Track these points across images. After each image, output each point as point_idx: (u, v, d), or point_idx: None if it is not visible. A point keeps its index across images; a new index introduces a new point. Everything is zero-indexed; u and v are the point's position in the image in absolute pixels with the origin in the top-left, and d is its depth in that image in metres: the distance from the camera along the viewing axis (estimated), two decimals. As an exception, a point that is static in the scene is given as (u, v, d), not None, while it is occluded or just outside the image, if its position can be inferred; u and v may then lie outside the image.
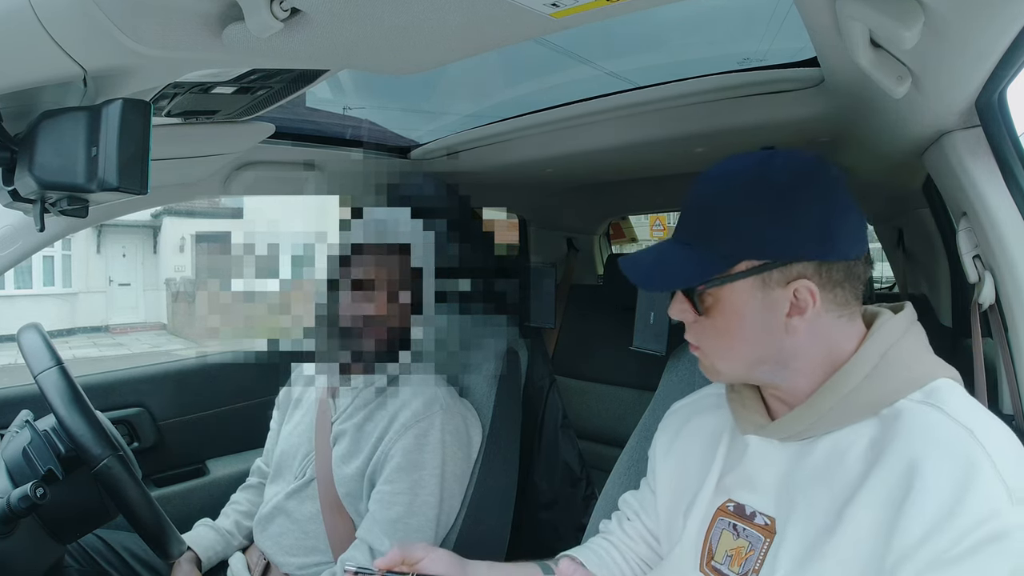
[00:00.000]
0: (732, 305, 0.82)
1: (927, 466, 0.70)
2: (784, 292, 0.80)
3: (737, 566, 0.85)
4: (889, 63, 0.84)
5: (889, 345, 0.82)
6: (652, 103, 1.43)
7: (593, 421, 2.55)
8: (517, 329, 1.69)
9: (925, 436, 0.73)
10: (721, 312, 0.83)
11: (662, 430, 1.11)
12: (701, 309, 0.84)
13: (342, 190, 1.95)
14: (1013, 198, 0.94)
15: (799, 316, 0.80)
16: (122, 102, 0.74)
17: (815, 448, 0.82)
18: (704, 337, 0.87)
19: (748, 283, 0.81)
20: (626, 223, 3.45)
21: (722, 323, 0.83)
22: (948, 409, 0.74)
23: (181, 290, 16.74)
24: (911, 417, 0.75)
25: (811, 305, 0.80)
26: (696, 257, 0.83)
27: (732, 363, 0.86)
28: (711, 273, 0.82)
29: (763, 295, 0.81)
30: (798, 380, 0.84)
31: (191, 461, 2.06)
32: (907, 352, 0.82)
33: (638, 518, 1.09)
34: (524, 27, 0.79)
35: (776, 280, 0.80)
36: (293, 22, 0.73)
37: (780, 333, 0.81)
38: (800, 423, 0.83)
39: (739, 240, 0.81)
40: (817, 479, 0.80)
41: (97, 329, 17.22)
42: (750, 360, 0.84)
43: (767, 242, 0.80)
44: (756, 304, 0.81)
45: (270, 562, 1.44)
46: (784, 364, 0.83)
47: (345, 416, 1.46)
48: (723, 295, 0.82)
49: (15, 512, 1.09)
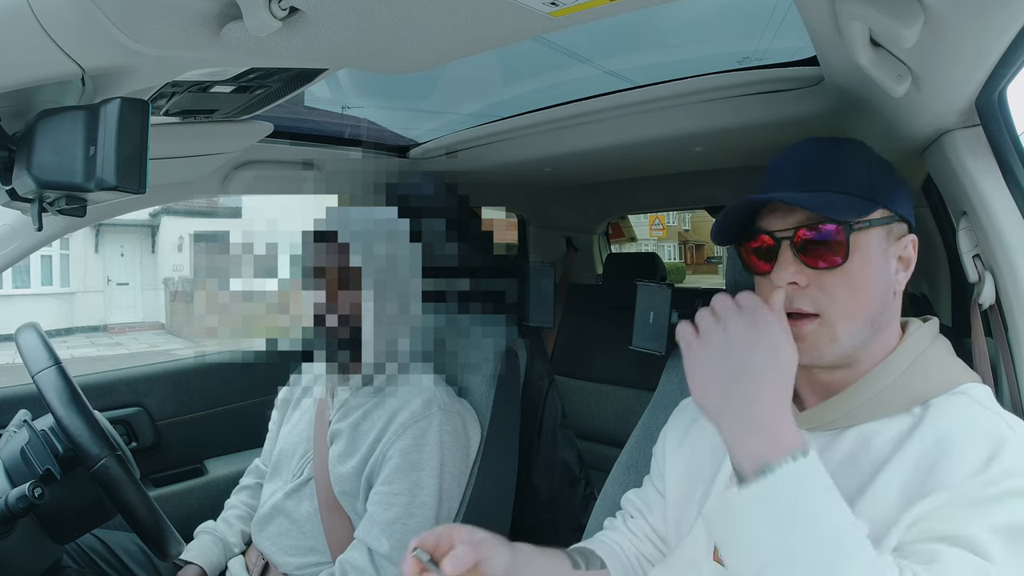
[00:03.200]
0: (870, 251, 0.83)
1: (958, 438, 0.73)
2: (897, 247, 0.85)
3: None
4: (889, 62, 0.84)
5: (924, 347, 0.86)
6: (651, 102, 1.43)
7: (592, 421, 2.55)
8: (516, 328, 1.69)
9: (957, 416, 0.77)
10: (861, 258, 0.82)
11: (672, 426, 1.10)
12: (848, 253, 0.81)
13: (340, 189, 1.95)
14: (1013, 197, 0.94)
15: (904, 272, 0.86)
16: (120, 101, 0.74)
17: (842, 438, 0.84)
18: (831, 294, 0.82)
19: (880, 231, 0.84)
20: (625, 222, 3.46)
21: (859, 271, 0.82)
22: (976, 397, 0.79)
23: (179, 289, 16.72)
24: (942, 404, 0.79)
25: (912, 261, 0.86)
26: (847, 199, 0.83)
27: (853, 324, 0.82)
28: (864, 213, 0.82)
29: (886, 246, 0.84)
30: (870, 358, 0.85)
31: (189, 461, 2.06)
32: (939, 356, 0.86)
33: (642, 516, 1.09)
34: (523, 26, 0.79)
35: (895, 233, 0.86)
36: (291, 21, 0.73)
37: (890, 289, 0.85)
38: (834, 412, 0.84)
39: (877, 189, 0.84)
40: (843, 466, 0.81)
41: (95, 328, 17.20)
42: (867, 319, 0.83)
43: (895, 196, 0.85)
44: (881, 254, 0.84)
45: (269, 562, 1.44)
46: (880, 328, 0.85)
47: (341, 415, 1.45)
48: (864, 240, 0.82)
49: (13, 512, 1.09)
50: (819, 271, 0.82)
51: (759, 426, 0.72)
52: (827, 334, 0.82)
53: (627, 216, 3.43)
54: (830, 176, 0.85)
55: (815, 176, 0.86)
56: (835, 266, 0.81)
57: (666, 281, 2.42)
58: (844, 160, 0.86)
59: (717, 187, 2.41)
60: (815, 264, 0.82)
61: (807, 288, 0.82)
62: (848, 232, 0.81)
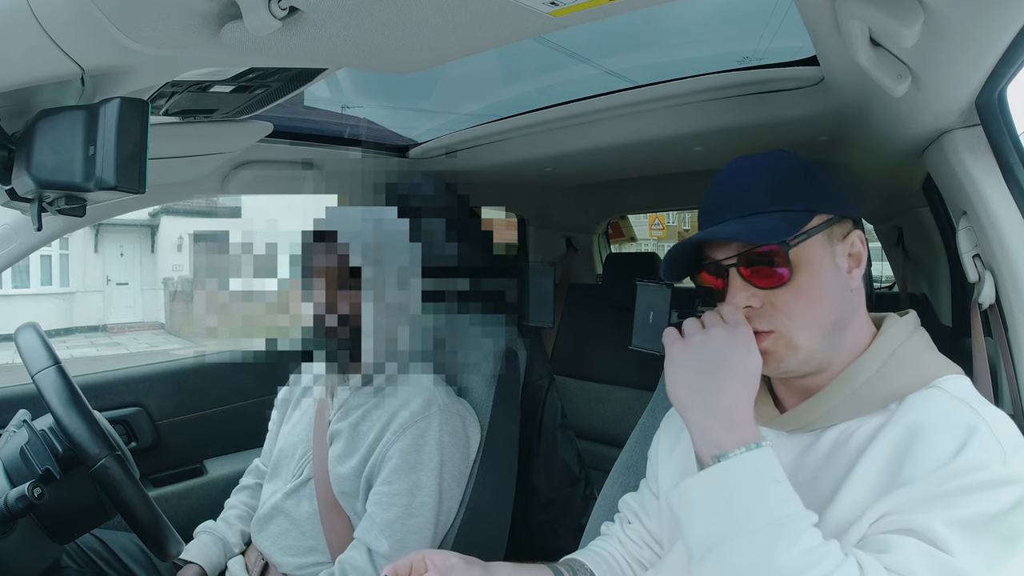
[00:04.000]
0: (814, 260, 0.85)
1: (927, 430, 0.75)
2: (843, 247, 0.87)
3: None
4: (889, 62, 0.84)
5: (899, 343, 0.86)
6: (651, 102, 1.43)
7: (592, 421, 2.55)
8: (515, 328, 1.68)
9: (928, 407, 0.78)
10: (806, 270, 0.84)
11: (664, 430, 1.11)
12: (792, 270, 0.84)
13: (340, 189, 1.95)
14: (1013, 197, 0.94)
15: (857, 268, 0.87)
16: (120, 101, 0.74)
17: (823, 438, 0.85)
18: (784, 309, 0.85)
19: (820, 238, 0.86)
20: (625, 222, 3.45)
21: (806, 282, 0.84)
22: (950, 390, 0.80)
23: (179, 289, 16.71)
24: (915, 398, 0.80)
25: (863, 256, 0.88)
26: (778, 218, 0.85)
27: (814, 331, 0.84)
28: (797, 228, 0.84)
29: (831, 248, 0.86)
30: (840, 358, 0.87)
31: (189, 461, 2.06)
32: (915, 350, 0.86)
33: (638, 520, 1.09)
34: (523, 25, 0.79)
35: (837, 234, 0.87)
36: (291, 21, 0.73)
37: (846, 289, 0.87)
38: (811, 414, 0.86)
39: (808, 197, 0.87)
40: (823, 464, 0.83)
41: (95, 328, 17.20)
42: (829, 324, 0.85)
43: (829, 198, 0.87)
44: (828, 258, 0.86)
45: (268, 562, 1.44)
46: (845, 328, 0.86)
47: (341, 415, 1.45)
48: (805, 252, 0.84)
49: (12, 512, 1.09)
50: (769, 291, 0.85)
51: (720, 416, 0.78)
52: (785, 344, 0.85)
53: (627, 216, 3.43)
54: (760, 198, 0.88)
55: (746, 202, 0.88)
56: (782, 284, 0.84)
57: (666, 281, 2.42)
58: (772, 178, 0.89)
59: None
60: (764, 285, 0.85)
61: (762, 308, 0.86)
62: (786, 250, 0.83)
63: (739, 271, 0.86)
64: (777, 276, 0.84)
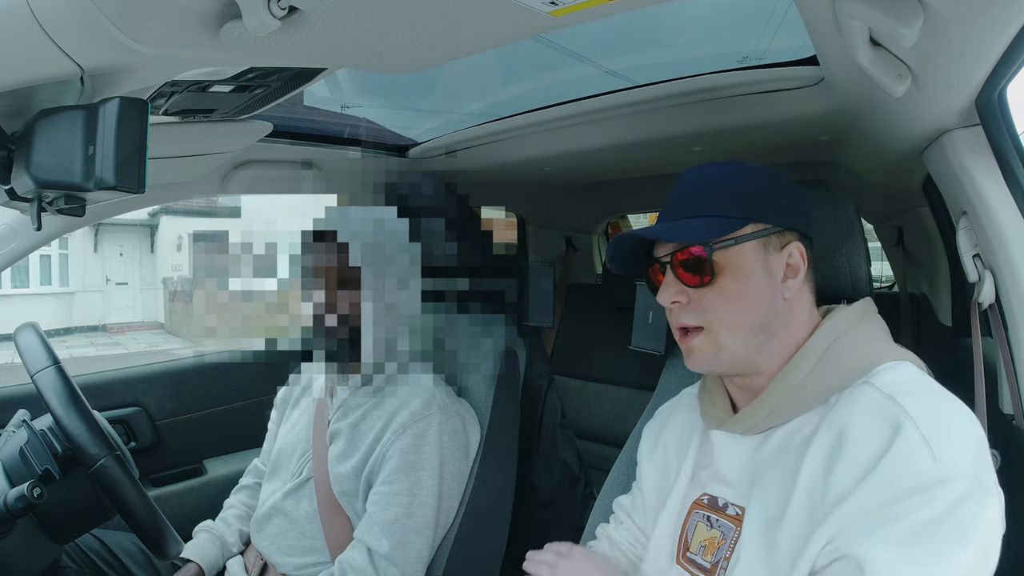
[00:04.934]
0: (740, 266, 0.87)
1: (852, 430, 0.76)
2: (779, 257, 0.88)
3: (710, 555, 0.89)
4: (889, 61, 0.84)
5: (839, 333, 0.87)
6: (651, 102, 1.43)
7: (591, 421, 2.55)
8: (515, 328, 1.68)
9: (853, 407, 0.78)
10: (731, 274, 0.87)
11: (646, 433, 1.14)
12: (714, 272, 0.87)
13: (340, 189, 1.95)
14: (1013, 197, 0.94)
15: (793, 279, 0.88)
16: (119, 100, 0.74)
17: (771, 439, 0.87)
18: (709, 309, 0.88)
19: (752, 246, 0.88)
20: (625, 222, 3.45)
21: (731, 286, 0.87)
22: (878, 383, 0.79)
23: (179, 289, 16.70)
24: (849, 393, 0.81)
25: (802, 268, 0.88)
26: (708, 222, 0.89)
27: (737, 332, 0.87)
28: (724, 232, 0.87)
29: (764, 257, 0.88)
30: (774, 360, 0.88)
31: (188, 461, 2.05)
32: (856, 340, 0.87)
33: (631, 520, 1.11)
34: (523, 25, 0.79)
35: (774, 244, 0.88)
36: (291, 20, 0.73)
37: (777, 297, 0.88)
38: (756, 415, 0.87)
39: (745, 206, 0.89)
40: (770, 469, 0.84)
41: (94, 328, 17.19)
42: (754, 326, 0.87)
43: (769, 209, 0.89)
44: (759, 266, 0.87)
45: (267, 562, 1.44)
46: (773, 334, 0.88)
47: (340, 415, 1.45)
48: (732, 257, 0.87)
49: (12, 512, 1.09)
50: (697, 289, 0.89)
51: None
52: (713, 344, 0.88)
53: (627, 216, 3.43)
54: (699, 203, 0.91)
55: (683, 204, 0.93)
56: (705, 284, 0.88)
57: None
58: (714, 185, 0.92)
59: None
60: (689, 283, 0.89)
61: (689, 304, 0.90)
62: (709, 252, 0.86)
63: (672, 268, 0.90)
64: (700, 276, 0.88)
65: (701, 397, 1.01)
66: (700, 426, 1.00)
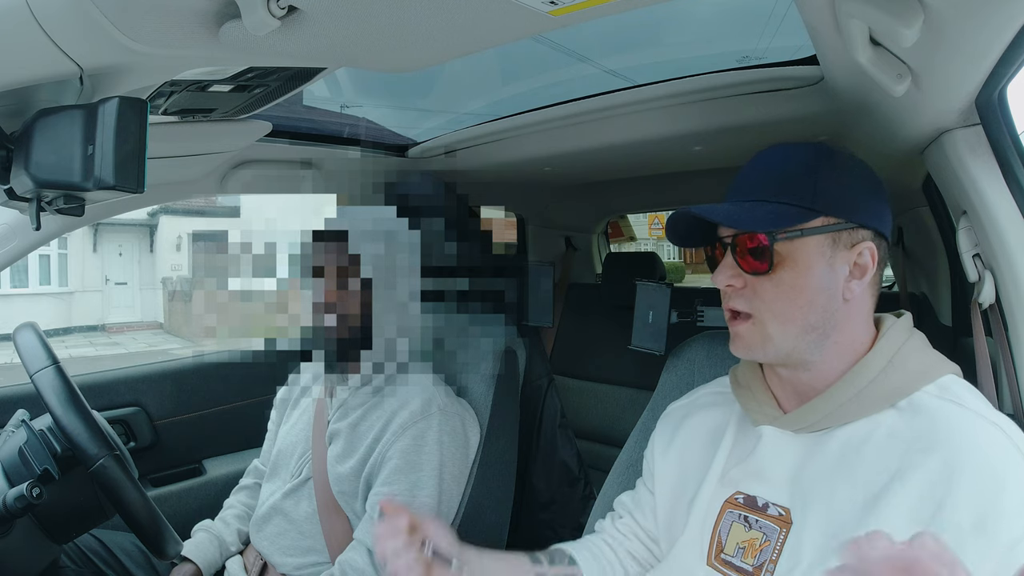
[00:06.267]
0: (803, 259, 0.84)
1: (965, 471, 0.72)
2: (848, 255, 0.85)
3: (751, 558, 0.86)
4: (889, 61, 0.84)
5: (902, 342, 0.86)
6: (651, 101, 1.43)
7: (591, 420, 2.55)
8: (515, 328, 1.68)
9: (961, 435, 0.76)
10: (791, 266, 0.84)
11: (659, 432, 1.12)
12: (773, 262, 0.84)
13: (339, 188, 1.95)
14: (1013, 196, 0.94)
15: (858, 280, 0.85)
16: (118, 100, 0.74)
17: (830, 439, 0.85)
18: (763, 298, 0.86)
19: (819, 240, 0.84)
20: (624, 222, 3.46)
21: (789, 278, 0.84)
22: (971, 406, 0.78)
23: (178, 289, 16.69)
24: (939, 414, 0.78)
25: (871, 269, 0.85)
26: (776, 208, 0.85)
27: (787, 327, 0.85)
28: (790, 223, 0.84)
29: (831, 254, 0.84)
30: (831, 361, 0.86)
31: (188, 461, 2.05)
32: (917, 349, 0.87)
33: (630, 515, 1.10)
34: (522, 24, 0.79)
35: (844, 241, 0.85)
36: (290, 20, 0.72)
37: (837, 297, 0.84)
38: (817, 413, 0.86)
39: (820, 197, 0.84)
40: (835, 471, 0.82)
41: (93, 328, 17.17)
42: (805, 324, 0.85)
43: (844, 203, 0.85)
44: (824, 262, 0.84)
45: (267, 562, 1.44)
46: (827, 335, 0.85)
47: (340, 415, 1.45)
48: (795, 249, 0.84)
49: (11, 512, 1.09)
50: (753, 276, 0.86)
51: None
52: (759, 334, 0.87)
53: (626, 215, 3.43)
54: (768, 185, 0.88)
55: (754, 186, 0.89)
56: (762, 272, 0.85)
57: (665, 281, 2.42)
58: (789, 169, 0.88)
59: (716, 186, 2.41)
60: (747, 269, 0.86)
61: (743, 289, 0.87)
62: (771, 241, 0.84)
63: (733, 250, 0.87)
64: (759, 264, 0.85)
65: (740, 394, 0.98)
66: (735, 423, 0.98)
